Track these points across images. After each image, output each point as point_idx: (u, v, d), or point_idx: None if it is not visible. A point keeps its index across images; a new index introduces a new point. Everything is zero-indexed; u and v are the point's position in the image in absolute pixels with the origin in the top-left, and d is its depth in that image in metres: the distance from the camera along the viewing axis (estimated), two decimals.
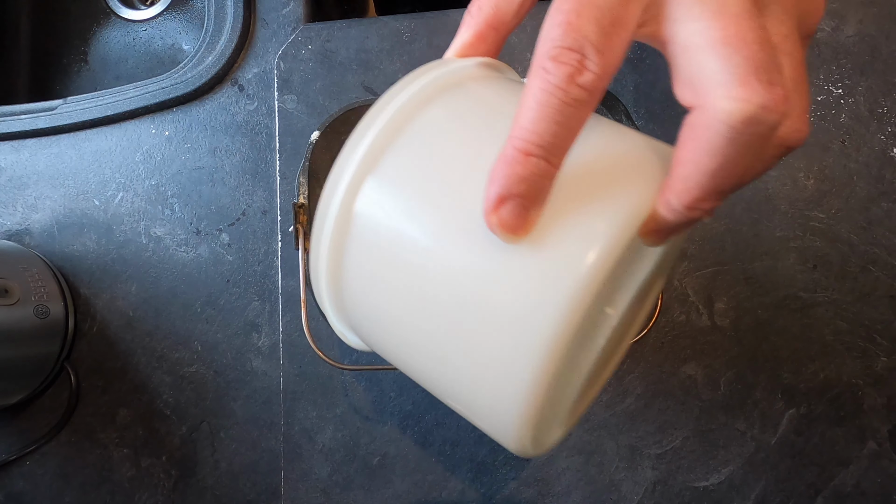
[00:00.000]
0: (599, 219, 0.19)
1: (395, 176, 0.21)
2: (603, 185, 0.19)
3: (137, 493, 0.46)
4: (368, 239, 0.22)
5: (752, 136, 0.17)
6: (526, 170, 0.18)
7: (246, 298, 0.47)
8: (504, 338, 0.19)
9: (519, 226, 0.18)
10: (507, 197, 0.18)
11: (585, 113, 0.18)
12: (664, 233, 0.19)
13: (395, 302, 0.22)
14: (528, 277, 0.19)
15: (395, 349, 0.23)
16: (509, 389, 0.19)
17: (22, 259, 0.46)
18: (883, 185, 0.43)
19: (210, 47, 0.49)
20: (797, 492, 0.42)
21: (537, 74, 0.18)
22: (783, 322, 0.43)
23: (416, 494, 0.44)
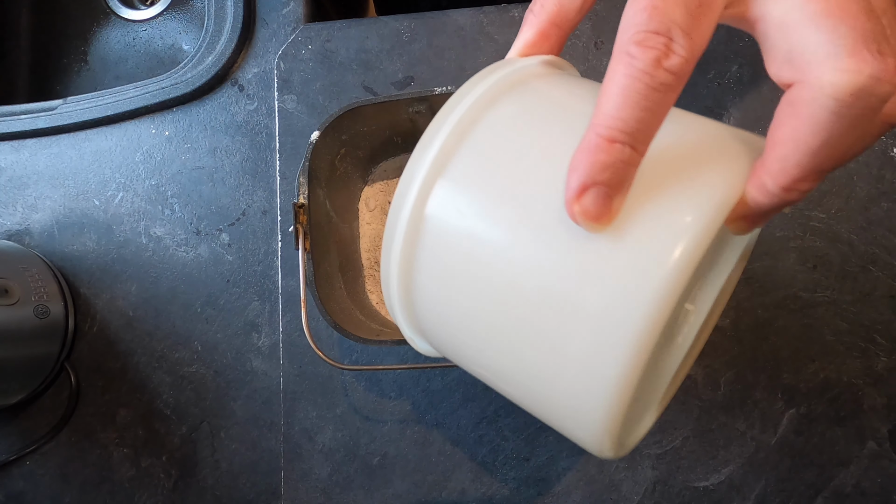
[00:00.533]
0: (686, 208, 0.18)
1: (465, 177, 0.21)
2: (688, 172, 0.18)
3: (137, 493, 0.46)
4: (441, 242, 0.21)
5: (861, 109, 0.16)
6: (610, 157, 0.17)
7: (246, 298, 0.47)
8: (588, 335, 0.18)
9: (602, 214, 0.18)
10: (590, 185, 0.18)
11: (672, 98, 0.17)
12: (754, 219, 0.19)
13: (471, 304, 0.21)
14: (612, 272, 0.18)
15: (471, 352, 0.23)
16: (594, 388, 0.19)
17: (22, 259, 0.46)
18: (883, 185, 0.43)
19: (210, 47, 0.49)
20: (797, 492, 0.42)
21: (621, 60, 0.17)
22: (783, 322, 0.43)
23: (416, 494, 0.44)
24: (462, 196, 0.21)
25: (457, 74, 0.47)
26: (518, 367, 0.21)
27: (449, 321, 0.22)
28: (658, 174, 0.18)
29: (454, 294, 0.21)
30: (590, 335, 0.18)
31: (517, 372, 0.21)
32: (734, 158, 0.19)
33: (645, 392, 0.24)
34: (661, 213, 0.18)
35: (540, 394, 0.21)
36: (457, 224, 0.21)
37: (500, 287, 0.20)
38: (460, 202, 0.21)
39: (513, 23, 0.47)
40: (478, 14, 0.47)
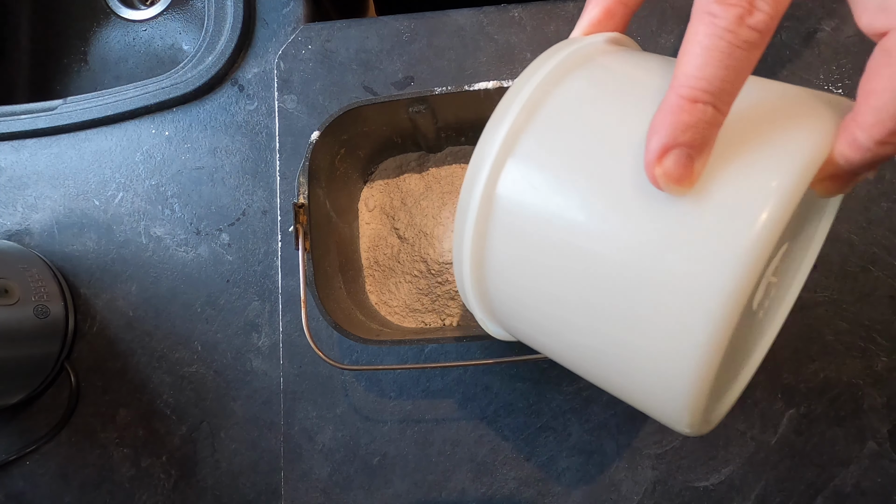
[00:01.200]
0: (773, 168, 0.17)
1: (536, 153, 0.20)
2: (771, 132, 0.18)
3: (137, 493, 0.46)
4: (515, 221, 0.21)
5: None
6: (693, 117, 0.17)
7: (246, 298, 0.47)
8: (674, 302, 0.18)
9: (685, 176, 0.17)
10: (671, 146, 0.17)
11: (756, 56, 0.17)
12: (843, 179, 0.18)
13: (548, 282, 0.21)
14: (696, 236, 0.17)
15: (551, 333, 0.22)
16: (681, 358, 0.18)
17: (22, 259, 0.46)
18: (883, 185, 0.43)
19: (210, 47, 0.49)
20: (797, 492, 0.42)
21: (701, 20, 0.17)
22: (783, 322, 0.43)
23: (416, 494, 0.44)
24: (534, 173, 0.20)
25: (457, 74, 0.47)
26: (602, 344, 0.20)
27: (526, 302, 0.22)
28: (740, 135, 0.18)
29: (530, 274, 0.21)
30: (676, 302, 0.18)
31: (601, 349, 0.21)
32: (820, 116, 0.18)
33: (729, 366, 0.23)
34: (746, 175, 0.17)
35: (625, 370, 0.20)
36: (530, 201, 0.20)
37: (579, 262, 0.20)
38: (533, 179, 0.20)
39: (513, 23, 0.47)
40: (478, 14, 0.47)
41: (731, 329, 0.17)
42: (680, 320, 0.18)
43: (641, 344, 0.19)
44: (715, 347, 0.17)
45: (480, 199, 0.21)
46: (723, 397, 0.24)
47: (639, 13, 0.45)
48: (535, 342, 0.24)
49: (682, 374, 0.18)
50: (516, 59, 0.47)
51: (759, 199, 0.17)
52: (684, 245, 0.18)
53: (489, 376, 0.44)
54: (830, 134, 0.18)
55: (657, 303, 0.18)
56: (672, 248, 0.18)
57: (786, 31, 0.45)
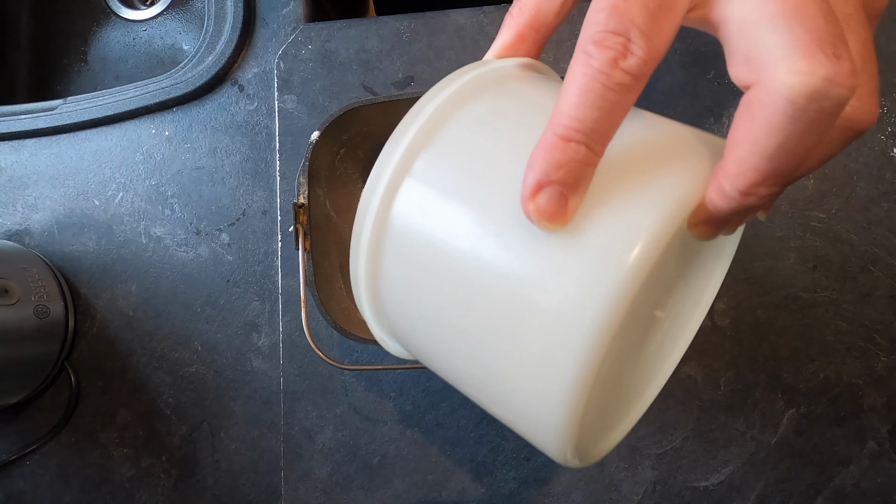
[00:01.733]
0: (644, 209, 0.17)
1: (431, 176, 0.21)
2: (648, 174, 0.18)
3: (137, 493, 0.46)
4: (405, 241, 0.21)
5: (816, 112, 0.16)
6: (565, 155, 0.17)
7: (246, 298, 0.47)
8: (543, 336, 0.18)
9: (557, 214, 0.18)
10: (545, 183, 0.17)
11: (629, 99, 0.17)
12: (715, 224, 0.18)
13: (433, 303, 0.21)
14: (568, 272, 0.18)
15: (435, 354, 0.23)
16: (550, 391, 0.18)
17: (22, 259, 0.46)
18: (883, 185, 0.43)
19: (210, 47, 0.49)
20: (797, 492, 0.42)
21: (579, 59, 0.17)
22: (783, 322, 0.43)
23: (416, 494, 0.44)
24: (427, 195, 0.21)
25: None
26: (481, 374, 0.21)
27: (414, 321, 0.22)
28: (618, 176, 0.18)
29: (418, 293, 0.21)
30: (544, 337, 0.18)
31: (479, 375, 0.21)
32: (695, 161, 0.19)
33: (613, 398, 0.24)
34: (618, 215, 0.18)
35: (501, 398, 0.21)
36: (421, 223, 0.21)
37: (461, 286, 0.20)
38: (425, 201, 0.21)
39: None
40: (478, 14, 0.47)
41: (595, 370, 0.18)
42: (548, 358, 0.18)
43: (515, 376, 0.19)
44: (580, 388, 0.18)
45: (375, 218, 0.22)
46: (612, 429, 0.24)
47: None
48: (430, 364, 0.24)
49: (551, 413, 0.19)
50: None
51: (627, 240, 0.17)
52: (554, 281, 0.18)
53: None
54: (703, 179, 0.18)
55: (529, 337, 0.18)
56: (543, 284, 0.18)
57: None
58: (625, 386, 0.24)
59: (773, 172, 0.17)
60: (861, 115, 0.17)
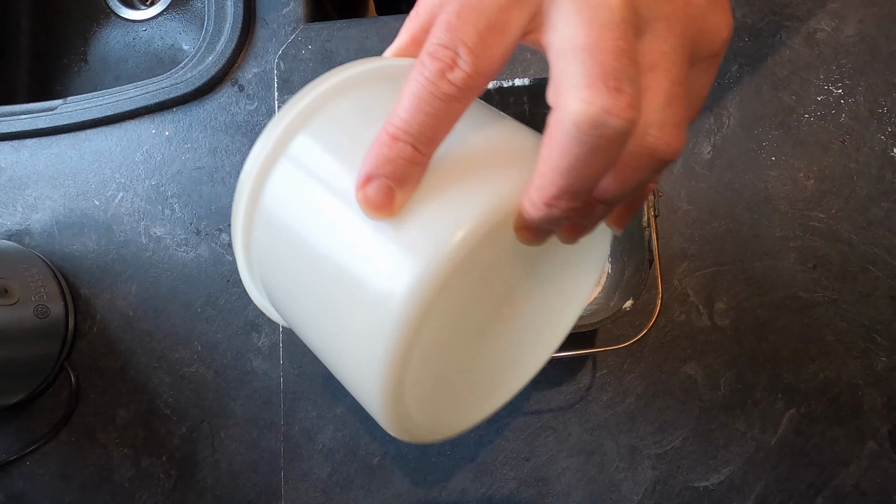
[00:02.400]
0: (461, 212, 0.19)
1: (297, 161, 0.23)
2: (475, 178, 0.20)
3: (137, 493, 0.46)
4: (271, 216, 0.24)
5: (598, 138, 0.17)
6: (392, 152, 0.19)
7: (246, 298, 0.47)
8: (365, 314, 0.20)
9: (383, 205, 0.20)
10: (373, 176, 0.19)
11: (454, 108, 0.19)
12: (534, 230, 0.20)
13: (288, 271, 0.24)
14: (388, 257, 0.20)
15: (294, 322, 0.25)
16: (369, 366, 0.20)
17: (22, 259, 0.46)
18: (883, 185, 0.43)
19: (210, 47, 0.49)
20: (797, 492, 0.42)
21: (415, 68, 0.19)
22: (783, 322, 0.43)
23: (416, 494, 0.44)
24: (292, 178, 0.23)
25: None
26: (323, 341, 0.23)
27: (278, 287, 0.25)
28: (449, 176, 0.20)
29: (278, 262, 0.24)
30: (364, 316, 0.20)
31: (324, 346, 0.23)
32: (519, 168, 0.20)
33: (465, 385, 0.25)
34: (439, 211, 0.20)
35: (340, 368, 0.23)
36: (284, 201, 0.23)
37: (308, 259, 0.22)
38: (291, 183, 0.23)
39: None
40: None
41: (406, 351, 0.20)
42: (368, 334, 0.20)
43: (346, 348, 0.22)
44: (391, 366, 0.20)
45: (247, 197, 0.25)
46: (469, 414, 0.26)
47: None
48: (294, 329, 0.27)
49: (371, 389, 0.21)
50: (515, 59, 0.47)
51: (441, 233, 0.19)
52: (377, 264, 0.20)
53: None
54: (522, 186, 0.20)
55: (353, 313, 0.21)
56: (369, 267, 0.20)
57: (786, 31, 0.45)
58: (480, 377, 0.26)
59: (568, 188, 0.18)
60: (661, 145, 0.19)
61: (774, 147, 0.44)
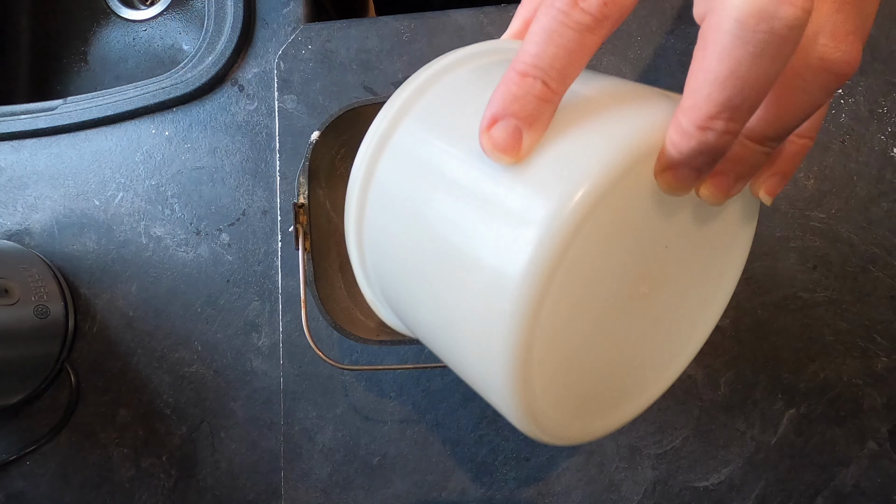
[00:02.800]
0: (597, 144, 0.17)
1: (415, 130, 0.22)
2: (608, 120, 0.18)
3: (137, 493, 0.46)
4: (386, 191, 0.22)
5: (766, 34, 0.15)
6: (521, 89, 0.18)
7: (246, 298, 0.47)
8: (484, 280, 0.18)
9: (510, 147, 0.18)
10: (500, 116, 0.18)
11: (588, 40, 0.17)
12: (679, 171, 0.18)
13: (404, 245, 0.22)
14: (516, 203, 0.18)
15: (408, 306, 0.23)
16: (494, 335, 0.18)
17: (22, 259, 0.46)
18: (883, 185, 0.43)
19: (210, 47, 0.49)
20: (797, 492, 0.42)
21: (544, 5, 0.18)
22: (783, 322, 0.43)
23: (416, 494, 0.44)
24: (408, 146, 0.22)
25: None
26: (439, 317, 0.21)
27: (391, 269, 0.23)
28: (578, 122, 0.18)
29: (393, 239, 0.22)
30: (485, 277, 0.18)
31: (441, 324, 0.21)
32: (655, 106, 0.18)
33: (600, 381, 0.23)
34: (569, 154, 0.18)
35: (460, 352, 0.21)
36: (400, 170, 0.22)
37: (427, 226, 0.20)
38: (406, 152, 0.22)
39: None
40: (478, 14, 0.47)
41: (531, 314, 0.17)
42: (488, 307, 0.18)
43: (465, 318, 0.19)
44: (517, 337, 0.17)
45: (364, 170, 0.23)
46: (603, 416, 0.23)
47: (639, 13, 0.45)
48: (409, 324, 0.24)
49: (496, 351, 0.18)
50: None
51: (574, 175, 0.17)
52: (497, 220, 0.18)
53: None
54: (662, 122, 0.18)
55: (472, 283, 0.18)
56: (489, 223, 0.18)
57: None
58: (616, 371, 0.23)
59: (727, 103, 0.16)
60: (835, 53, 0.16)
61: None
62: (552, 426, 0.21)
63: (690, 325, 0.25)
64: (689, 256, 0.23)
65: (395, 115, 0.22)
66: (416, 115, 0.22)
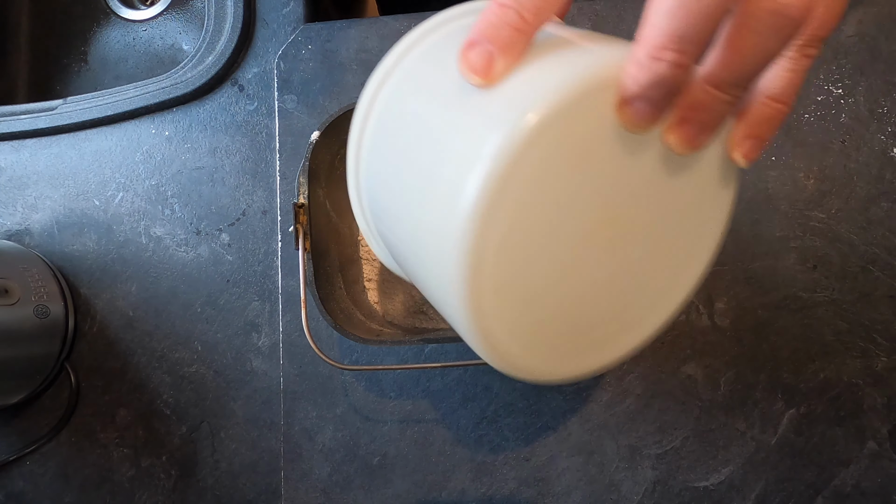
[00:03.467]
0: (556, 73, 0.19)
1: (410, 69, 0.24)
2: (574, 53, 0.20)
3: (137, 493, 0.46)
4: (379, 126, 0.25)
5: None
6: (498, 18, 0.19)
7: (246, 298, 0.47)
8: (444, 193, 0.20)
9: (483, 69, 0.20)
10: (477, 42, 0.20)
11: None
12: (637, 102, 0.19)
13: (392, 163, 0.24)
14: (477, 123, 0.20)
15: (388, 232, 0.25)
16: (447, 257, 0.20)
17: (22, 259, 0.46)
18: (883, 185, 0.43)
19: (210, 47, 0.49)
20: (797, 492, 0.42)
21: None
22: (783, 322, 0.43)
23: (416, 494, 0.44)
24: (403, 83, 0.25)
25: None
26: (410, 234, 0.23)
27: (377, 195, 0.25)
28: (544, 56, 0.20)
29: (384, 159, 0.25)
30: (446, 193, 0.20)
31: (411, 242, 0.23)
32: (617, 47, 0.20)
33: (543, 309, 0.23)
34: (530, 81, 0.19)
35: (426, 271, 0.22)
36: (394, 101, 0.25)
37: (405, 145, 0.23)
38: (401, 87, 0.25)
39: None
40: None
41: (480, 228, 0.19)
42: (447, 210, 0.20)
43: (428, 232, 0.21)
44: (467, 252, 0.19)
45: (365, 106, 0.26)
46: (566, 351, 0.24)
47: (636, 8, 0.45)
48: (393, 251, 0.27)
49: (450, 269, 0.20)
50: None
51: (532, 95, 0.19)
52: (468, 129, 0.20)
53: (489, 376, 0.44)
54: (621, 58, 0.19)
55: (439, 188, 0.20)
56: (455, 137, 0.20)
57: None
58: (585, 319, 0.23)
59: (675, 33, 0.17)
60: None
61: (774, 147, 0.44)
62: (510, 356, 0.22)
63: (665, 285, 0.25)
64: (661, 210, 0.23)
65: (396, 58, 0.25)
66: (412, 58, 0.25)
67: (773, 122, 0.21)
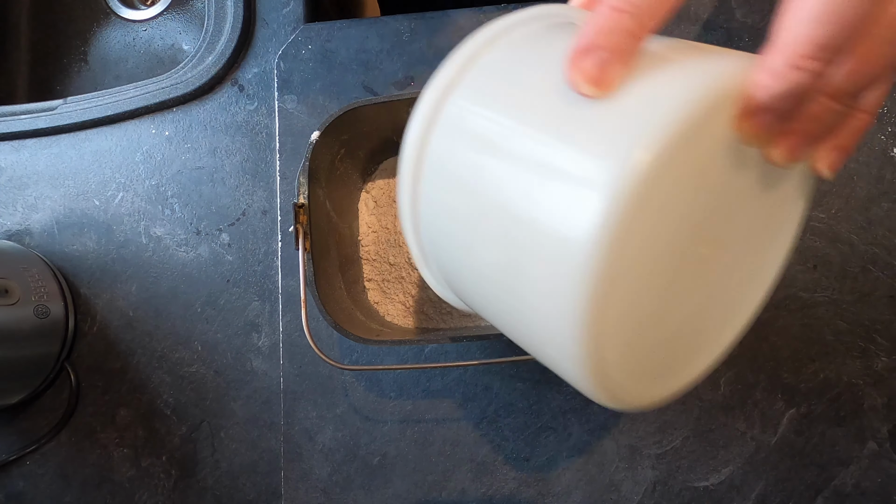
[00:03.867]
0: (680, 85, 0.17)
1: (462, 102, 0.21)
2: (692, 62, 0.18)
3: (137, 493, 0.46)
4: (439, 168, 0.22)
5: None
6: (611, 22, 0.18)
7: (246, 298, 0.47)
8: (550, 248, 0.17)
9: (599, 79, 0.18)
10: (589, 49, 0.18)
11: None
12: (763, 115, 0.17)
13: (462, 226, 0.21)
14: (573, 174, 0.17)
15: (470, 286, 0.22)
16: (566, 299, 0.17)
17: (22, 259, 0.46)
18: (883, 185, 0.43)
19: (210, 47, 0.49)
20: (797, 492, 0.42)
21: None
22: (783, 322, 0.43)
23: (416, 494, 0.44)
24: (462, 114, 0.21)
25: None
26: (504, 289, 0.20)
27: (452, 252, 0.22)
28: (658, 64, 0.18)
29: (451, 217, 0.21)
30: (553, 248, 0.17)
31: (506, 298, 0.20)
32: (737, 55, 0.18)
33: (664, 343, 0.22)
34: (656, 91, 0.17)
35: (527, 325, 0.20)
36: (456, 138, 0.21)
37: (486, 194, 0.20)
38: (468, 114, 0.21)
39: None
40: (478, 14, 0.47)
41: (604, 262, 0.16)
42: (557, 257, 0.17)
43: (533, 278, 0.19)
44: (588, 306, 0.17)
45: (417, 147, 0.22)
46: (664, 379, 0.23)
47: None
48: (469, 300, 0.24)
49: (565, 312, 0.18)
50: None
51: (656, 110, 0.17)
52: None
53: (489, 376, 0.44)
54: (744, 66, 0.18)
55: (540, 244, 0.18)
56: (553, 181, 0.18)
57: None
58: (675, 339, 0.23)
59: (825, 42, 0.16)
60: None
61: None
62: (623, 393, 0.21)
63: (739, 297, 0.25)
64: (747, 223, 0.22)
65: (444, 87, 0.22)
66: (467, 85, 0.22)
67: (858, 132, 0.20)
